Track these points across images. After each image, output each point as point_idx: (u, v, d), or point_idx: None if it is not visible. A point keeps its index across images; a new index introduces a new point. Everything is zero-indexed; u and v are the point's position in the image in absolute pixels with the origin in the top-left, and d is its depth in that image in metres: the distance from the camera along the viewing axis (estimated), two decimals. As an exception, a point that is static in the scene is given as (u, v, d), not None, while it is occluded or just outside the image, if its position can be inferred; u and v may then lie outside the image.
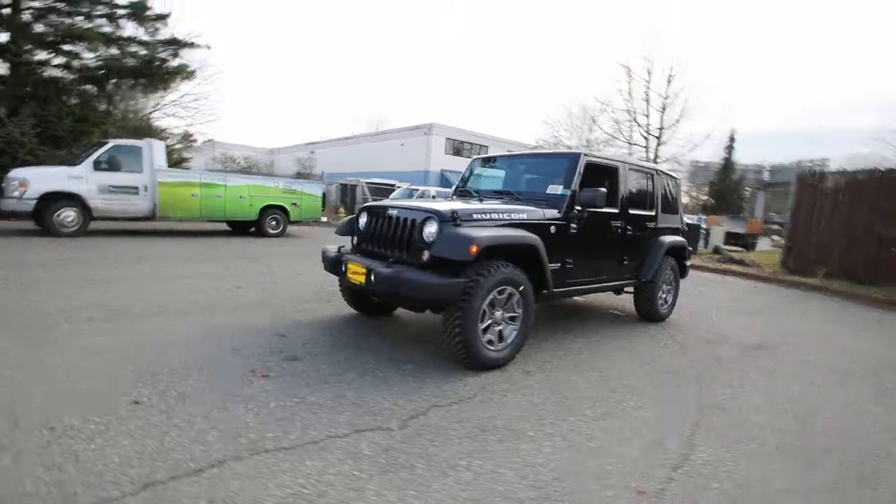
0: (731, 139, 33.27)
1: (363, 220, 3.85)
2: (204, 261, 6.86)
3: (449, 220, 3.14)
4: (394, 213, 3.53)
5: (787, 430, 2.72)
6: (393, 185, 20.42)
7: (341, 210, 18.96)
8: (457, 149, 27.98)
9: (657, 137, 17.10)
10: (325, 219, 12.48)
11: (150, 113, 16.82)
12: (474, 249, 2.93)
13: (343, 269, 3.56)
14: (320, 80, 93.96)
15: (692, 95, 17.07)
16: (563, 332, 4.37)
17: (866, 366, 4.24)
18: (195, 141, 18.97)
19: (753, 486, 2.10)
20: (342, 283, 4.17)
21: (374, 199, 15.59)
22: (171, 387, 2.57)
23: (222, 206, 10.06)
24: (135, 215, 9.12)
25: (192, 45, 14.08)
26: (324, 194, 11.97)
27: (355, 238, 3.92)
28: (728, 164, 33.60)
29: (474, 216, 3.31)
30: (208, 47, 14.60)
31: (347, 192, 20.26)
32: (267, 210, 10.77)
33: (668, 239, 5.07)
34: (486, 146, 27.96)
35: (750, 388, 3.36)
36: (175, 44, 13.97)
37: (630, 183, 4.55)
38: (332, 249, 3.93)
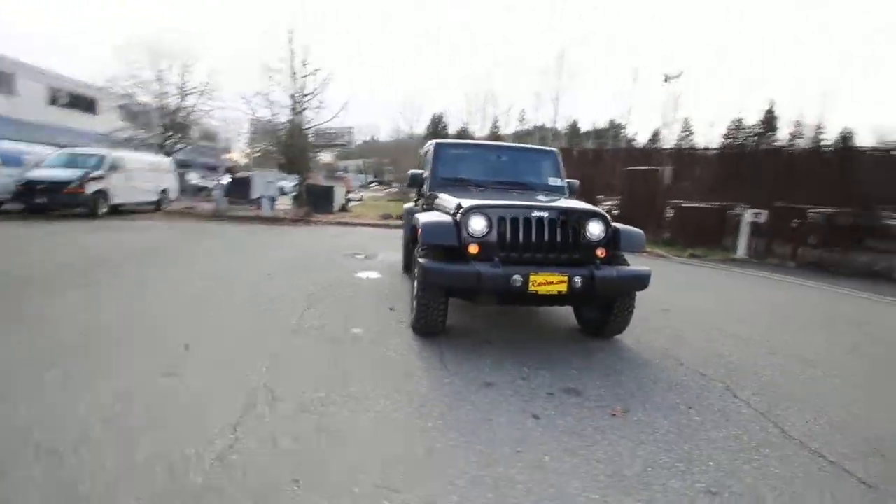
0: (294, 105, 36.51)
1: (480, 224, 3.34)
2: None
3: (608, 218, 3.56)
4: (543, 214, 3.40)
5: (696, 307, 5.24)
6: None
7: None
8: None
9: (301, 102, 17.25)
10: None
11: None
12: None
13: (521, 282, 3.13)
14: None
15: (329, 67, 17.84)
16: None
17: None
18: None
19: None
20: (435, 298, 3.41)
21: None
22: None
23: None
24: None
25: None
26: None
27: (473, 244, 3.30)
28: (295, 125, 36.91)
29: None
30: None
31: None
32: None
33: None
34: (13, 73, 18.11)
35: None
36: None
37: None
38: (471, 266, 3.17)
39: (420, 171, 4.72)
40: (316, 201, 16.60)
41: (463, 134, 41.75)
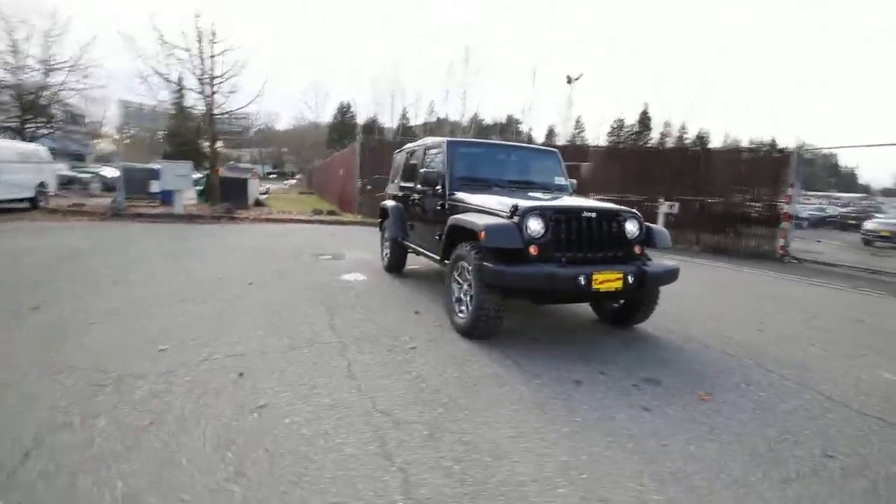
0: (180, 85, 32.68)
1: (538, 225, 3.42)
2: None
3: (641, 218, 3.84)
4: (592, 215, 3.58)
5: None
6: None
7: None
8: None
9: (211, 86, 15.24)
10: None
11: None
12: (667, 240, 3.98)
13: (585, 281, 3.27)
14: None
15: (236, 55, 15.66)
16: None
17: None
18: None
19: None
20: (495, 300, 3.41)
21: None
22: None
23: None
24: None
25: None
26: None
27: (532, 246, 3.36)
28: (182, 111, 33.02)
29: None
30: None
31: None
32: None
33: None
34: None
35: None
36: None
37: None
38: (542, 267, 3.23)
39: (434, 171, 4.61)
40: (229, 196, 15.14)
41: (372, 125, 40.89)
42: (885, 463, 2.22)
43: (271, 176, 53.43)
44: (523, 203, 3.52)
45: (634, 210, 3.83)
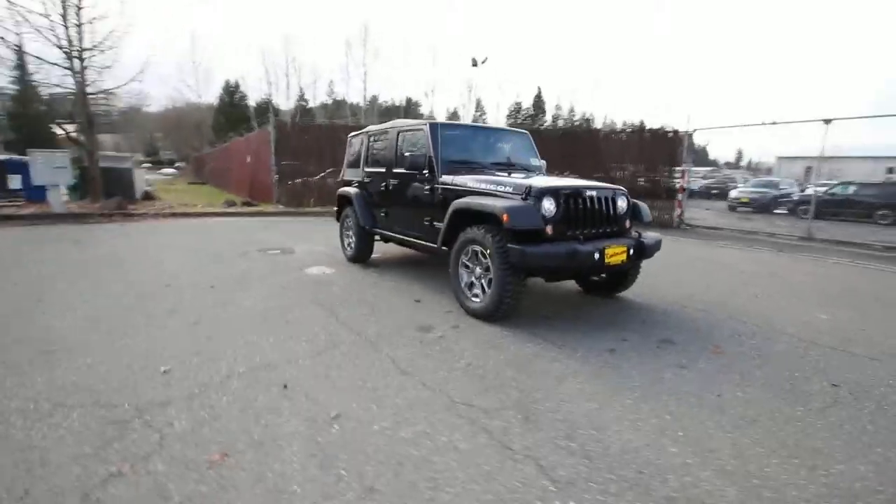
0: (20, 60, 27.31)
1: (552, 205, 3.54)
2: None
3: (628, 194, 4.14)
4: (592, 193, 3.78)
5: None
6: None
7: None
8: None
9: (80, 58, 12.54)
10: None
11: None
12: (649, 215, 4.34)
13: (599, 256, 3.46)
14: None
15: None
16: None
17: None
18: None
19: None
20: (519, 281, 3.49)
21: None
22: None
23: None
24: None
25: None
26: None
27: (548, 225, 3.47)
28: (28, 92, 27.71)
29: None
30: None
31: None
32: None
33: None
34: None
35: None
36: None
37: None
38: (566, 245, 3.36)
39: (420, 154, 4.45)
40: (113, 189, 13.13)
41: (267, 106, 37.78)
42: (876, 386, 2.73)
43: (145, 165, 47.07)
44: (536, 184, 3.59)
45: (623, 188, 4.12)
